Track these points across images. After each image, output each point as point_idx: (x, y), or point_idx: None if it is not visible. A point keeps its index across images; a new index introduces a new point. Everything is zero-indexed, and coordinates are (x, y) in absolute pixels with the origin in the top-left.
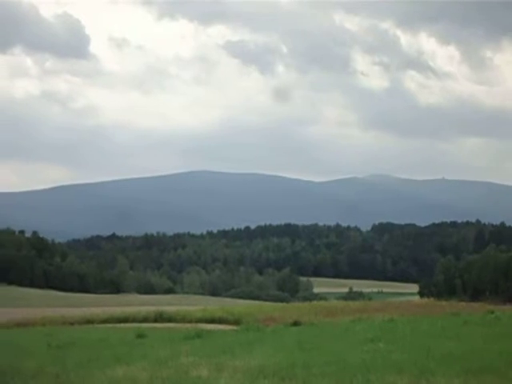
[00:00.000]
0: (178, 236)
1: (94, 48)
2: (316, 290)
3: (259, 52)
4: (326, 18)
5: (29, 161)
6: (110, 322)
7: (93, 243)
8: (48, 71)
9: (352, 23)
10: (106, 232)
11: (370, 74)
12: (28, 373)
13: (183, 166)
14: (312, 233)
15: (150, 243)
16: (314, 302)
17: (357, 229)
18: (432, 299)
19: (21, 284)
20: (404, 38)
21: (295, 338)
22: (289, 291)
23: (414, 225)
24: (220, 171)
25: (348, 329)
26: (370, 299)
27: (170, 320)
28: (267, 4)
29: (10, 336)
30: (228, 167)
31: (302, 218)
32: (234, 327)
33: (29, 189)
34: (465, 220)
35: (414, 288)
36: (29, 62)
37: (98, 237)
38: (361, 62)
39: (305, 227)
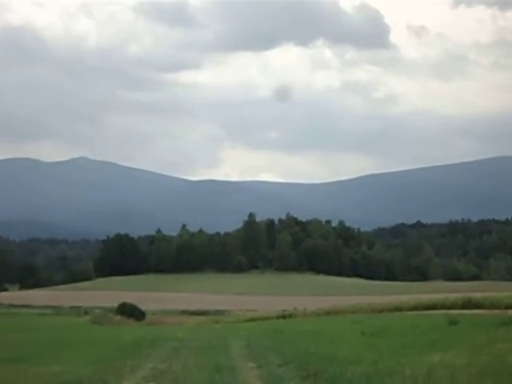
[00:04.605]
0: (483, 222)
1: (393, 37)
2: None
3: None
4: None
5: (332, 151)
6: (418, 309)
7: (398, 231)
8: (348, 62)
9: None
10: (410, 220)
11: None
12: (345, 359)
13: (484, 151)
14: None
15: (455, 230)
16: None
17: None
18: None
19: (329, 273)
20: None
21: None
22: None
23: None
24: None
25: None
26: None
27: (478, 306)
28: None
29: (322, 324)
30: None
31: None
32: None
33: (333, 179)
34: None
35: None
36: (329, 54)
37: (403, 225)
38: None
39: None
